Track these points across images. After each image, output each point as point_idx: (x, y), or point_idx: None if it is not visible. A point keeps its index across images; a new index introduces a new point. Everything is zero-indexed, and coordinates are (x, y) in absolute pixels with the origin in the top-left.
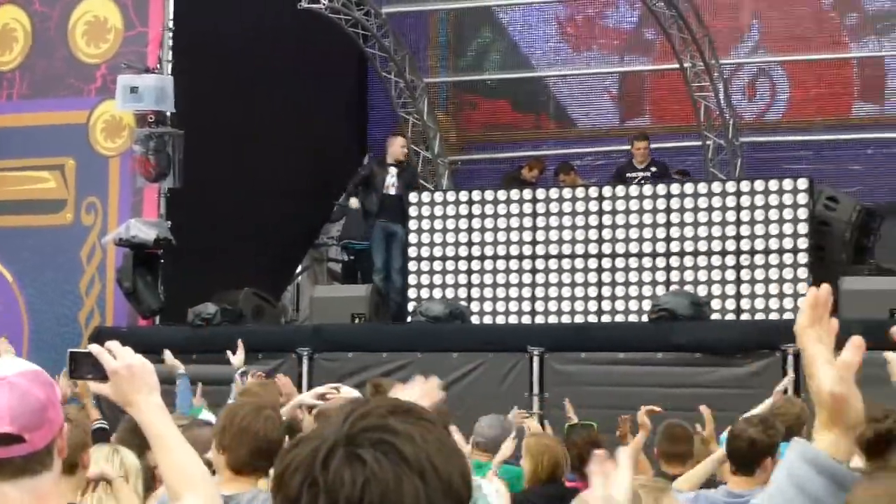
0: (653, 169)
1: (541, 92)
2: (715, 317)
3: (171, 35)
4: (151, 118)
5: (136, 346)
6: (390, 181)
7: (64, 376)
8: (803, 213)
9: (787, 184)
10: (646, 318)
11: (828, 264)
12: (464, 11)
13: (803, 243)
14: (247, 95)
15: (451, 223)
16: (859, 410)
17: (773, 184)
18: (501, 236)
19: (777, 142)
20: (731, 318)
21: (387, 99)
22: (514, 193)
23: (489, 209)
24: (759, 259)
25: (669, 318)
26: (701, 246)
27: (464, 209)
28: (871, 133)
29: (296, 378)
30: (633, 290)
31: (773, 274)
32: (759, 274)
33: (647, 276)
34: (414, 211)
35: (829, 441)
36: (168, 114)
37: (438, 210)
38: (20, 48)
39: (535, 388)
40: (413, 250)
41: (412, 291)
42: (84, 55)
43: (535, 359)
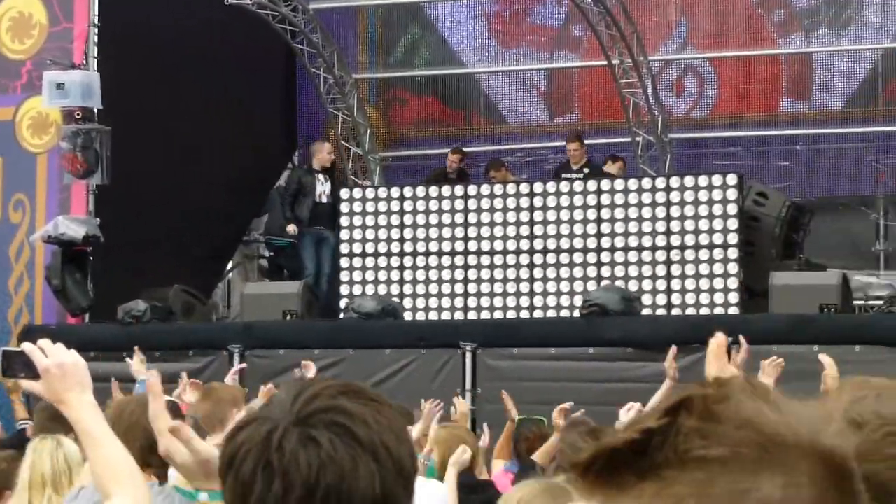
0: (586, 170)
1: (471, 88)
2: (646, 312)
3: (96, 31)
4: (78, 114)
5: (66, 344)
6: (321, 189)
7: None
8: (733, 208)
9: (716, 179)
10: (577, 313)
11: (757, 260)
12: (392, 7)
13: (733, 239)
14: (175, 91)
15: (382, 219)
16: None
17: (702, 179)
18: (433, 232)
19: (706, 138)
20: (661, 313)
21: (316, 94)
22: (446, 190)
23: (421, 205)
24: (690, 254)
25: (600, 314)
26: (631, 242)
27: (395, 205)
28: (799, 129)
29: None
30: (564, 286)
31: (704, 269)
32: (690, 269)
33: (578, 272)
34: (345, 207)
35: None
36: (95, 110)
37: (370, 206)
38: None
39: (468, 384)
40: (345, 247)
41: (344, 288)
42: (9, 51)
43: (468, 355)
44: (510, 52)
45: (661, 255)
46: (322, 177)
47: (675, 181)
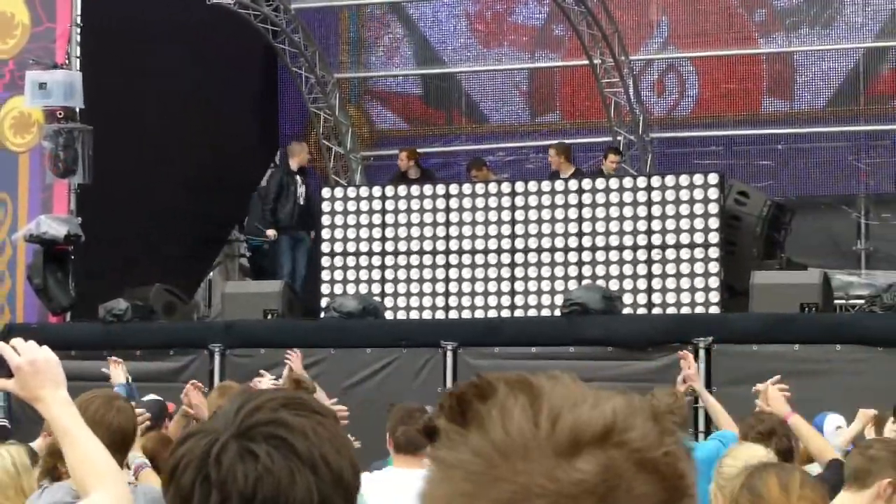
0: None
1: (452, 88)
2: (626, 311)
3: (78, 31)
4: (60, 114)
5: (47, 343)
6: (300, 191)
7: None
8: (714, 207)
9: (697, 179)
10: (558, 312)
11: (738, 259)
12: (374, 7)
13: (714, 238)
14: (157, 90)
15: (364, 218)
16: None
17: (683, 179)
18: (415, 231)
19: (688, 137)
20: (642, 312)
21: (297, 94)
22: (427, 189)
23: (402, 205)
24: (671, 254)
25: (581, 313)
26: (613, 241)
27: (377, 204)
28: (781, 128)
29: (207, 374)
30: (545, 285)
31: (685, 268)
32: (671, 269)
33: (559, 271)
34: (327, 207)
35: None
36: (77, 109)
37: (351, 205)
38: None
39: (449, 383)
40: (326, 246)
41: (325, 287)
42: None
43: (449, 354)
44: (491, 51)
45: (642, 254)
46: (300, 178)
47: (656, 180)
